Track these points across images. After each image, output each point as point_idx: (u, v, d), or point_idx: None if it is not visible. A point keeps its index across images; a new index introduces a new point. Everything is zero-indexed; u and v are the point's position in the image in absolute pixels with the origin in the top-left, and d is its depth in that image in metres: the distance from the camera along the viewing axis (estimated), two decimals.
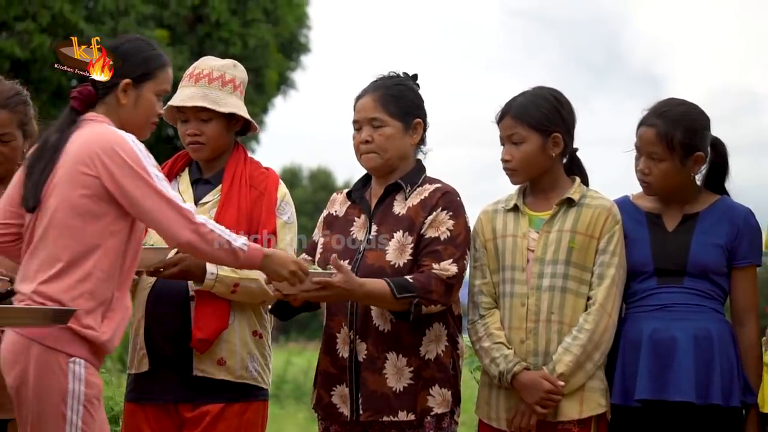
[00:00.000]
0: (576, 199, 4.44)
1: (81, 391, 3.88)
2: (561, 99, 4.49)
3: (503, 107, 4.49)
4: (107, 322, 3.92)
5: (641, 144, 4.43)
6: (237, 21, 18.67)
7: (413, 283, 4.31)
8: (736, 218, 4.41)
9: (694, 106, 4.46)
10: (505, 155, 4.47)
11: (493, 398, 4.45)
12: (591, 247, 4.40)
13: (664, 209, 4.48)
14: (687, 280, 4.36)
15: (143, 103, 4.09)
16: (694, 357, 4.29)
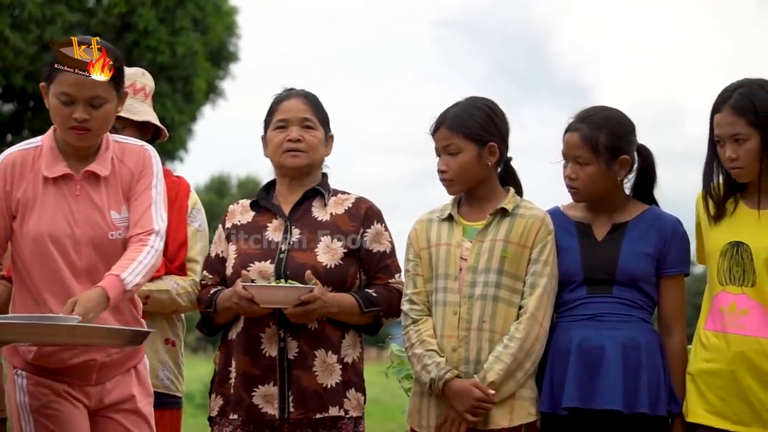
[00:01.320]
0: (510, 209, 4.47)
1: (26, 402, 3.89)
2: (495, 108, 4.52)
3: (437, 118, 4.51)
4: None
5: (567, 150, 4.46)
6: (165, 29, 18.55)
7: (377, 297, 4.51)
8: (665, 227, 4.45)
9: (618, 111, 4.51)
10: (442, 166, 4.49)
11: (424, 406, 4.46)
12: (524, 257, 4.42)
13: (593, 218, 4.51)
14: (616, 289, 4.40)
15: (51, 109, 4.00)
16: (622, 366, 4.31)
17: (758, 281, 4.27)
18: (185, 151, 20.33)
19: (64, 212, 3.99)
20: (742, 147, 4.28)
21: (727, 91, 4.34)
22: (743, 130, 4.27)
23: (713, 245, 4.36)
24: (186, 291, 4.61)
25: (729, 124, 4.28)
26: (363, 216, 4.61)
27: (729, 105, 4.29)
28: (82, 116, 3.95)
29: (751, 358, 4.24)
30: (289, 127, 4.60)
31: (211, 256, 4.68)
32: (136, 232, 4.03)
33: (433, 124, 4.52)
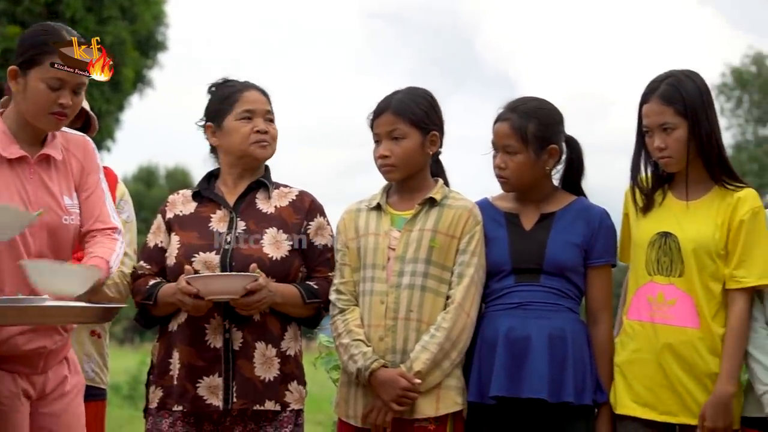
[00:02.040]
0: (438, 199, 4.48)
1: None
2: (434, 99, 4.54)
3: (380, 104, 4.50)
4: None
5: (497, 139, 4.48)
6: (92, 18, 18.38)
7: (318, 289, 4.52)
8: (593, 218, 4.48)
9: (547, 102, 4.54)
10: (384, 151, 4.47)
11: (352, 396, 4.45)
12: (452, 247, 4.43)
13: (521, 209, 4.54)
14: (543, 279, 4.42)
15: (30, 92, 3.91)
16: (548, 355, 4.34)
17: (686, 271, 4.31)
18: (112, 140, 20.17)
19: (20, 194, 3.93)
20: (670, 136, 4.32)
21: (655, 81, 4.38)
22: (671, 120, 4.31)
23: (641, 236, 4.40)
24: (114, 282, 4.57)
25: (657, 113, 4.33)
26: (307, 209, 4.61)
27: (657, 95, 4.34)
28: (67, 102, 3.91)
29: (678, 348, 4.27)
30: (254, 119, 4.58)
31: (149, 246, 4.64)
32: (99, 227, 4.01)
33: (374, 109, 4.51)
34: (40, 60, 3.88)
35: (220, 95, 4.64)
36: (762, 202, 4.38)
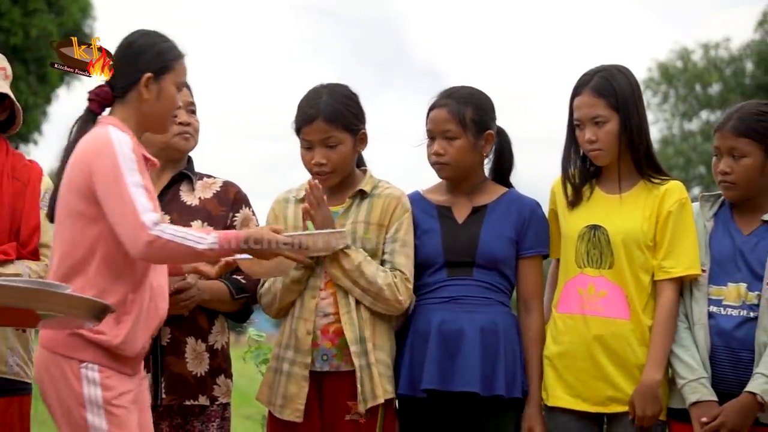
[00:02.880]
0: (368, 191, 4.47)
1: (98, 395, 3.80)
2: (356, 96, 4.52)
3: (310, 111, 4.44)
4: (122, 325, 3.82)
5: (435, 125, 4.47)
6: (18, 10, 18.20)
7: (246, 283, 4.49)
8: (524, 209, 4.49)
9: (479, 89, 4.54)
10: (321, 159, 4.43)
11: (276, 383, 4.43)
12: (381, 236, 4.43)
13: (454, 201, 4.54)
14: (476, 272, 4.42)
15: (165, 96, 3.98)
16: (480, 349, 4.35)
17: (616, 263, 4.34)
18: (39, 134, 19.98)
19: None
20: (601, 129, 4.34)
21: (587, 75, 4.41)
22: (603, 112, 4.34)
23: (571, 229, 4.42)
24: (39, 276, 4.53)
25: (589, 105, 4.35)
26: (232, 200, 4.60)
27: (589, 87, 4.36)
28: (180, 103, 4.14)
29: (609, 340, 4.30)
30: (177, 111, 4.55)
31: None
32: None
33: (300, 116, 4.46)
34: (172, 66, 4.00)
35: None
36: (688, 195, 4.43)
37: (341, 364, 4.37)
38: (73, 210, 3.83)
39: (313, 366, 4.38)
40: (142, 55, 3.95)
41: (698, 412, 4.25)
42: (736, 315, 4.28)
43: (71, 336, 3.78)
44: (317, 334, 4.39)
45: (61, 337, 3.79)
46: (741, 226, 4.37)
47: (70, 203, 3.83)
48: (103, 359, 3.82)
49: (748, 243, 4.33)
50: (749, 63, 32.58)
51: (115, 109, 3.98)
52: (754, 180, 4.32)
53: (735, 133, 4.31)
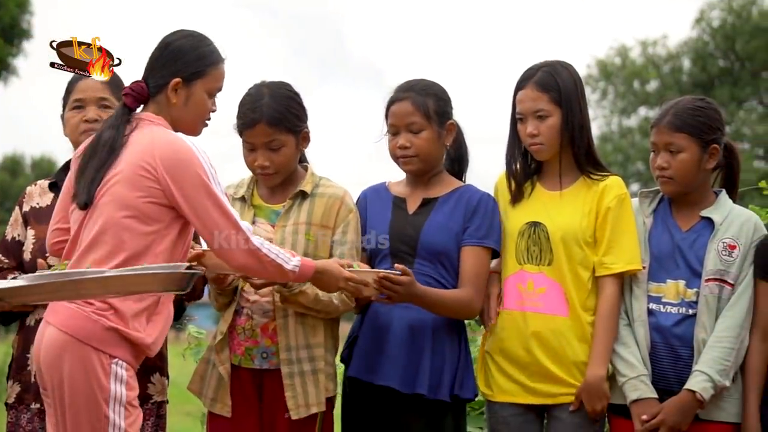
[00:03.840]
0: (309, 191, 4.46)
1: (123, 393, 3.79)
2: (298, 95, 4.50)
3: (252, 115, 4.40)
4: (152, 325, 3.85)
5: (397, 120, 4.45)
6: None
7: None
8: (473, 201, 4.45)
9: (435, 81, 4.54)
10: (265, 161, 4.41)
11: (208, 375, 4.44)
12: (326, 237, 4.42)
13: (410, 193, 4.54)
14: (417, 264, 4.40)
15: (194, 102, 3.98)
16: (405, 346, 4.35)
17: (555, 260, 4.35)
18: None
19: None
20: (543, 123, 4.36)
21: (531, 69, 4.42)
22: (546, 107, 4.35)
23: (511, 226, 4.42)
24: None
25: (532, 99, 4.37)
26: None
27: (533, 81, 4.38)
28: (215, 108, 4.08)
29: (547, 336, 4.32)
30: (86, 107, 4.52)
31: (7, 239, 4.54)
32: None
33: (242, 119, 4.43)
34: (206, 71, 4.00)
35: (66, 86, 4.61)
36: (627, 191, 4.46)
37: (280, 362, 4.37)
38: (132, 207, 3.82)
39: (253, 363, 4.37)
40: (177, 58, 3.96)
41: (639, 410, 4.28)
42: (675, 312, 4.32)
43: (108, 329, 3.75)
44: (257, 331, 4.38)
45: (96, 328, 3.75)
46: (680, 222, 4.41)
47: (131, 203, 3.82)
48: (131, 358, 3.82)
49: (686, 239, 4.37)
50: (686, 60, 32.88)
51: (149, 106, 3.98)
52: (691, 174, 4.35)
53: (672, 129, 4.34)
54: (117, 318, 3.75)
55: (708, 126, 4.35)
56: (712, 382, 4.21)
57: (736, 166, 4.50)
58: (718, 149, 4.37)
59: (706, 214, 4.37)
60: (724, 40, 31.80)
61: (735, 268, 4.30)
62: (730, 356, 4.24)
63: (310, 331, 4.38)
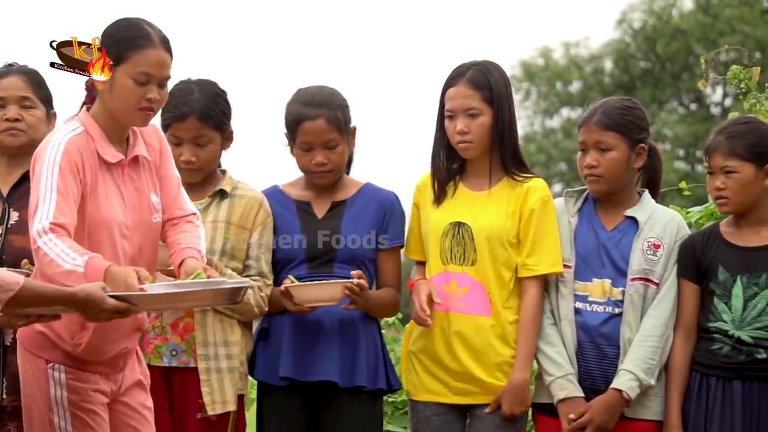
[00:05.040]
0: (228, 191, 4.47)
1: (64, 397, 3.74)
2: (225, 93, 4.53)
3: (182, 109, 4.42)
4: (85, 332, 3.76)
5: (314, 138, 4.45)
6: None
7: None
8: (385, 203, 4.52)
9: (333, 88, 4.56)
10: (191, 157, 4.43)
11: None
12: (243, 238, 4.43)
13: (313, 197, 4.54)
14: (337, 268, 4.44)
15: (118, 89, 3.80)
16: (339, 339, 4.39)
17: (479, 260, 4.36)
18: None
19: (117, 198, 3.83)
20: (474, 121, 4.36)
21: (462, 67, 4.42)
22: (478, 105, 4.36)
23: (435, 226, 4.43)
24: None
25: (464, 97, 4.37)
26: None
27: (465, 79, 4.38)
28: (155, 96, 3.81)
29: (469, 336, 4.33)
30: (7, 106, 4.46)
31: None
32: (180, 214, 3.95)
33: (172, 113, 4.42)
34: (126, 56, 3.80)
35: None
36: (550, 192, 4.48)
37: (190, 360, 4.37)
38: None
39: (161, 361, 4.35)
40: (102, 44, 3.83)
41: (566, 409, 4.30)
42: (601, 311, 4.34)
43: (38, 333, 3.74)
44: (167, 329, 4.37)
45: (31, 332, 3.75)
46: (605, 221, 4.44)
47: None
48: (70, 361, 3.77)
49: (611, 239, 4.40)
50: (608, 61, 33.16)
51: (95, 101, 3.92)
52: (619, 173, 4.38)
53: (602, 127, 4.37)
54: (44, 324, 3.71)
55: (636, 125, 4.40)
56: (638, 381, 4.24)
57: (659, 166, 4.55)
58: (645, 149, 4.42)
59: (631, 213, 4.40)
60: (645, 42, 32.10)
61: (659, 267, 4.34)
62: (655, 355, 4.27)
63: (228, 329, 4.39)
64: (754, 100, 5.12)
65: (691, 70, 30.03)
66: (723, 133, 4.30)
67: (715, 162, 4.28)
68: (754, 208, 4.30)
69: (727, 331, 4.25)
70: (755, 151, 4.25)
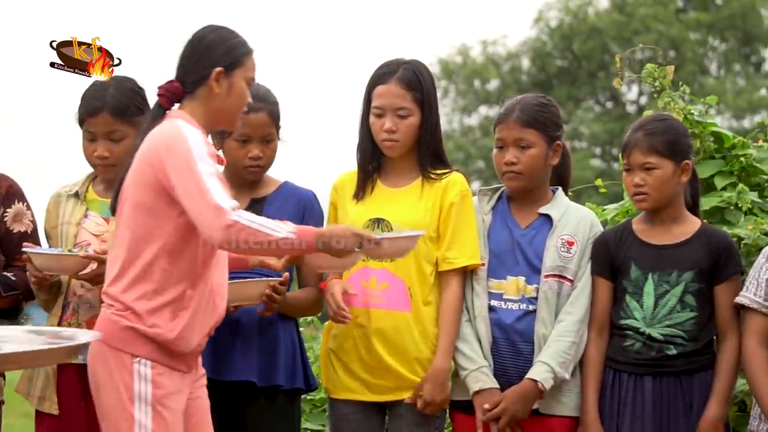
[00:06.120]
0: None
1: (148, 392, 3.74)
2: (143, 90, 4.50)
3: (96, 103, 4.41)
4: (177, 320, 3.79)
5: (252, 130, 4.45)
6: None
7: (16, 280, 4.41)
8: (303, 200, 4.53)
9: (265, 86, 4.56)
10: (105, 152, 4.41)
11: (36, 375, 4.41)
12: None
13: (234, 195, 4.52)
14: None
15: (236, 91, 3.94)
16: (257, 339, 4.38)
17: None
18: None
19: None
20: (403, 121, 4.36)
21: (392, 65, 4.42)
22: (409, 105, 4.36)
23: (354, 222, 4.37)
24: None
25: (396, 96, 4.37)
26: (4, 194, 4.49)
27: (397, 77, 4.38)
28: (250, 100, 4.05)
29: (389, 332, 4.34)
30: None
31: None
32: None
33: (86, 107, 4.41)
34: (243, 61, 3.96)
35: None
36: (469, 187, 4.50)
37: None
38: (139, 203, 3.78)
39: (77, 359, 4.33)
40: (212, 50, 3.92)
41: (481, 400, 4.33)
42: (516, 309, 4.37)
43: (125, 329, 3.75)
44: (83, 326, 4.35)
45: (115, 329, 3.75)
46: (518, 219, 4.47)
47: (137, 197, 3.79)
48: (157, 355, 3.79)
49: (525, 236, 4.43)
50: (526, 59, 33.40)
51: (184, 104, 3.93)
52: (538, 170, 4.42)
53: (521, 124, 4.39)
54: (133, 316, 3.75)
55: (553, 123, 4.44)
56: (552, 373, 4.28)
57: (568, 164, 4.61)
58: (561, 146, 4.46)
59: (545, 210, 4.44)
60: (561, 40, 32.37)
61: (573, 264, 4.38)
62: (571, 350, 4.31)
63: None
64: (668, 99, 5.17)
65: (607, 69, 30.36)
66: (641, 130, 4.34)
67: (634, 158, 4.32)
68: (668, 206, 4.35)
69: (638, 328, 4.31)
70: (674, 148, 4.31)
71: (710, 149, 5.20)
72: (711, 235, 4.35)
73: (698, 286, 4.28)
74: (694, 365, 4.28)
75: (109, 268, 3.85)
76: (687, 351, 4.27)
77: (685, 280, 4.28)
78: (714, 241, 4.33)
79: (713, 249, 4.31)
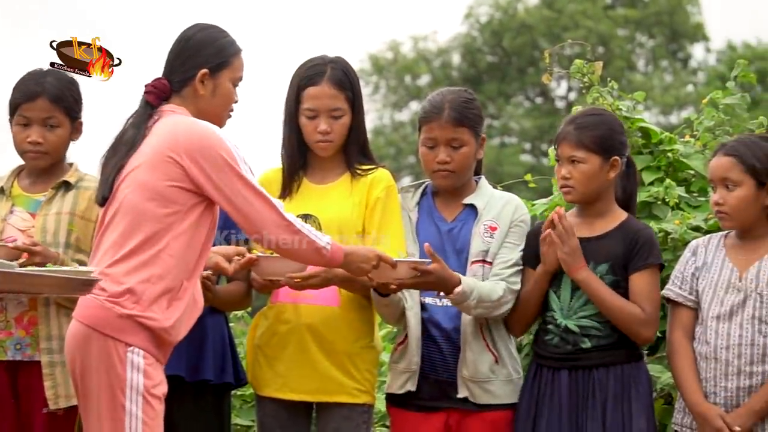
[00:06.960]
0: (73, 182, 4.45)
1: (140, 382, 3.74)
2: (78, 84, 4.49)
3: (34, 88, 4.41)
4: (171, 309, 3.82)
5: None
6: None
7: None
8: None
9: None
10: (38, 138, 4.41)
11: None
12: (88, 230, 4.39)
13: None
14: None
15: (221, 92, 4.00)
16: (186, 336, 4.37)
17: None
18: None
19: None
20: (337, 122, 4.36)
21: (320, 65, 4.40)
22: (342, 105, 4.37)
23: None
24: None
25: (329, 97, 4.36)
26: None
27: (328, 78, 4.37)
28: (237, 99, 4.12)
29: (319, 328, 4.34)
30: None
31: None
32: None
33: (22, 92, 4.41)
34: (231, 62, 4.01)
35: None
36: (397, 183, 4.51)
37: (35, 354, 4.33)
38: (152, 190, 3.80)
39: (6, 355, 4.31)
40: (200, 50, 3.97)
41: None
42: (447, 301, 4.37)
43: (121, 317, 3.74)
44: (11, 323, 4.33)
45: (110, 316, 3.74)
46: (444, 213, 4.49)
47: (150, 185, 3.80)
48: (149, 345, 3.78)
49: (452, 229, 4.45)
50: (456, 55, 33.51)
51: (171, 101, 3.94)
52: (469, 166, 4.45)
53: (453, 124, 4.40)
54: (133, 303, 3.75)
55: (480, 117, 4.48)
56: (471, 290, 4.24)
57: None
58: (485, 139, 4.49)
59: (469, 201, 4.46)
60: (491, 36, 32.51)
61: (494, 246, 4.40)
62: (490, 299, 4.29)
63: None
64: (597, 94, 5.22)
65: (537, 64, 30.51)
66: (573, 123, 4.37)
67: (562, 151, 4.35)
68: (597, 200, 4.38)
69: (556, 320, 4.34)
70: (603, 143, 4.32)
71: (638, 145, 5.25)
72: (629, 229, 4.36)
73: (613, 278, 4.30)
74: (609, 359, 4.30)
75: (107, 250, 3.83)
76: (601, 345, 4.29)
77: (600, 272, 4.30)
78: (630, 233, 4.33)
79: (628, 241, 4.32)
